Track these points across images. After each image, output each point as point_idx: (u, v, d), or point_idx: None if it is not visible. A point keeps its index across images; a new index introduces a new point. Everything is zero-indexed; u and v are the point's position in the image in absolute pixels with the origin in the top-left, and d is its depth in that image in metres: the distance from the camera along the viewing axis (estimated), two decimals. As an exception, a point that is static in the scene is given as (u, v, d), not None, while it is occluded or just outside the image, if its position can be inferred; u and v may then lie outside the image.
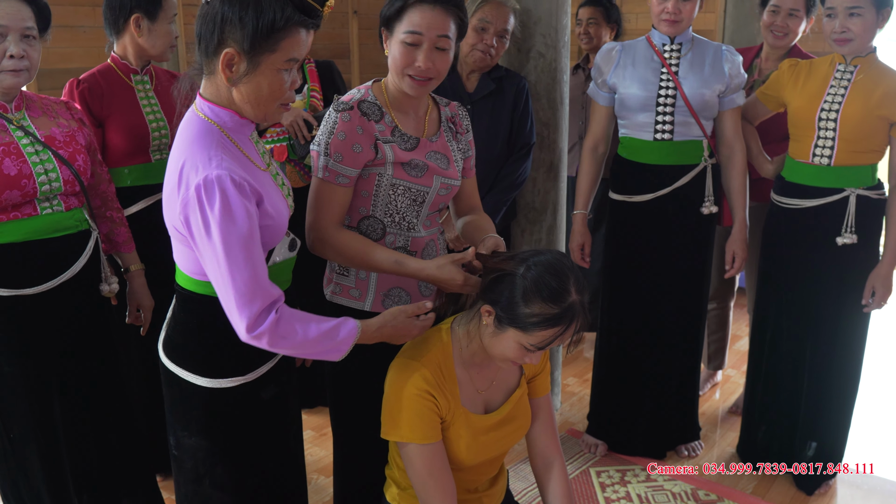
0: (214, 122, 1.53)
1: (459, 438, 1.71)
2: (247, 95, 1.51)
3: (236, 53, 1.46)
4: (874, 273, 2.54)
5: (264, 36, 1.44)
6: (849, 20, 2.39)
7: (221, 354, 1.61)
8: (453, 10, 1.79)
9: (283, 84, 1.52)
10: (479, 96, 2.71)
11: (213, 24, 1.46)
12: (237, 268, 1.43)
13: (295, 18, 1.46)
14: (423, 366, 1.67)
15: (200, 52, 1.52)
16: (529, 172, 2.83)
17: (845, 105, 2.45)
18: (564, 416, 3.33)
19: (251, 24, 1.43)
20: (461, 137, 2.01)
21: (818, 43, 3.26)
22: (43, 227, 1.97)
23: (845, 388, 2.68)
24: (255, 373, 1.64)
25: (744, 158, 2.72)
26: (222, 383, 1.61)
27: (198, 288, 1.58)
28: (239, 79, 1.49)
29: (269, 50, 1.46)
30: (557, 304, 1.56)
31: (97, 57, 4.28)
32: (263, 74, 1.48)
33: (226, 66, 1.47)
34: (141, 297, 2.32)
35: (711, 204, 2.69)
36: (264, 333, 1.46)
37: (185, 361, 1.62)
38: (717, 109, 2.68)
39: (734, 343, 4.05)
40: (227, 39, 1.46)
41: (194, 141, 1.49)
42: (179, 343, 1.64)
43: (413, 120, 1.91)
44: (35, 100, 2.07)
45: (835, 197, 2.51)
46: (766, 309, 2.79)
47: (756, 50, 3.12)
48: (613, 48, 2.73)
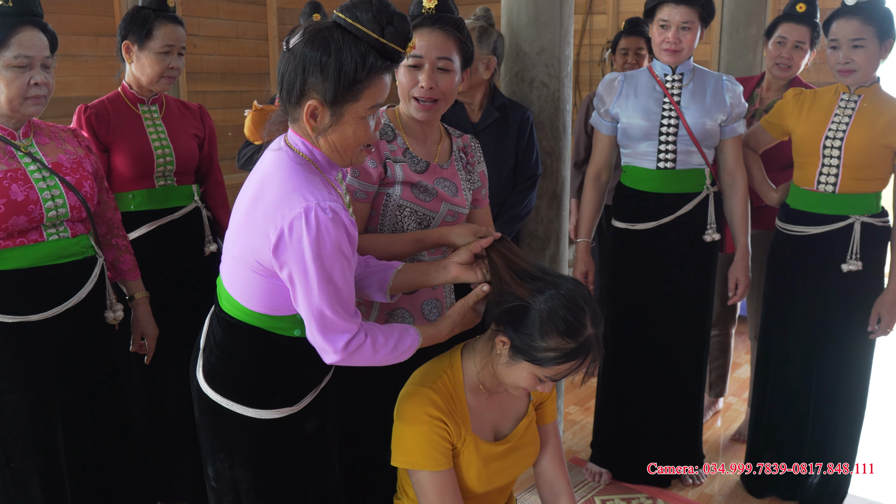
0: (308, 158, 1.52)
1: (470, 466, 1.70)
2: (333, 144, 1.50)
3: (319, 105, 1.45)
4: (880, 300, 2.55)
5: (347, 87, 1.43)
6: (852, 52, 2.42)
7: (271, 385, 1.60)
8: (453, 33, 1.83)
9: (369, 130, 1.51)
10: (484, 126, 2.73)
11: (295, 75, 1.44)
12: (329, 302, 1.45)
13: (378, 66, 1.44)
14: (434, 392, 1.67)
15: (283, 98, 1.50)
16: (535, 203, 2.85)
17: (849, 133, 2.48)
18: (567, 445, 3.31)
19: (334, 75, 1.41)
20: (472, 169, 2.03)
21: (819, 74, 3.31)
22: (49, 253, 1.96)
23: (852, 415, 2.68)
24: (301, 403, 1.64)
25: (745, 186, 2.74)
26: (270, 414, 1.60)
27: (252, 319, 1.57)
28: (324, 129, 1.48)
29: (352, 100, 1.45)
30: (574, 339, 1.55)
31: (98, 86, 4.34)
32: (348, 123, 1.48)
33: (309, 117, 1.46)
34: (145, 326, 2.31)
35: (714, 231, 2.71)
36: (354, 356, 1.51)
37: (232, 392, 1.60)
38: (718, 138, 2.70)
39: (735, 370, 4.05)
40: (309, 90, 1.44)
41: (293, 174, 1.47)
42: (226, 373, 1.61)
43: (424, 146, 1.93)
44: (43, 127, 2.08)
45: (840, 224, 2.53)
46: (771, 336, 2.78)
47: (757, 80, 3.16)
48: (616, 78, 2.76)
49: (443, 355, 1.76)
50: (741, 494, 2.91)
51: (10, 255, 1.91)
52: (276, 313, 1.56)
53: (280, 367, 1.59)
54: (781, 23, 2.98)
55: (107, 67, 4.45)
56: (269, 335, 1.58)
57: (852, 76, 2.46)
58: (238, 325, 1.58)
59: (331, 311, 1.46)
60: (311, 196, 1.42)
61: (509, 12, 2.92)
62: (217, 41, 5.05)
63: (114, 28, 4.43)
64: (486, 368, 1.70)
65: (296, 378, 1.63)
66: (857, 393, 2.66)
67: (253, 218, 1.48)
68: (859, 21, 2.41)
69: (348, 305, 1.49)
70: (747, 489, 2.91)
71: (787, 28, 2.96)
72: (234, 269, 1.56)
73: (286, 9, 5.42)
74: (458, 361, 1.74)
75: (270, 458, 1.63)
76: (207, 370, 1.63)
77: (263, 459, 1.63)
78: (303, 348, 1.60)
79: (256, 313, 1.56)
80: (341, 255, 1.44)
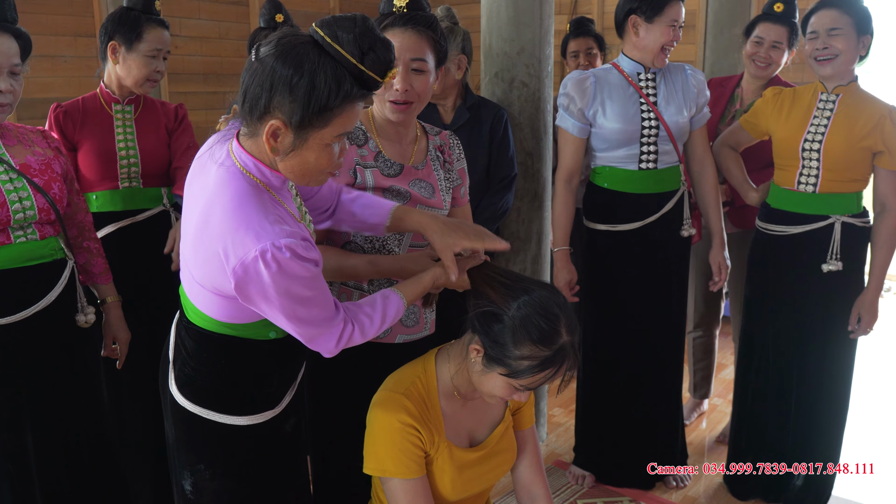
0: (259, 181, 1.41)
1: (444, 473, 1.67)
2: (291, 167, 1.40)
3: (282, 126, 1.33)
4: (860, 300, 2.54)
5: (316, 112, 1.32)
6: (830, 38, 2.42)
7: (251, 391, 1.56)
8: (426, 32, 1.78)
9: (333, 157, 1.40)
10: (455, 127, 2.69)
11: (261, 90, 1.33)
12: (308, 319, 1.41)
13: (352, 93, 1.34)
14: (407, 398, 1.64)
15: (244, 110, 1.38)
16: (512, 203, 2.81)
17: (828, 136, 2.47)
18: (551, 448, 3.28)
19: (303, 98, 1.30)
20: (450, 167, 1.99)
21: (799, 73, 3.31)
22: (16, 255, 1.92)
23: (834, 415, 2.66)
24: (281, 404, 1.60)
25: (714, 172, 2.78)
26: (252, 420, 1.56)
27: (224, 329, 1.51)
28: (284, 152, 1.37)
29: (320, 126, 1.34)
30: (548, 347, 1.52)
31: (77, 87, 4.29)
32: (311, 149, 1.36)
33: (270, 136, 1.35)
34: (117, 330, 2.28)
35: (690, 226, 2.73)
36: (348, 345, 1.50)
37: (210, 401, 1.54)
38: (688, 131, 2.70)
39: (720, 371, 4.04)
40: (273, 109, 1.33)
41: (241, 203, 1.36)
42: (202, 383, 1.54)
43: (399, 147, 1.89)
44: (10, 128, 2.04)
45: (820, 224, 2.52)
46: (751, 337, 2.77)
47: (737, 79, 3.15)
48: (586, 78, 2.65)
49: (416, 360, 1.74)
50: (725, 497, 2.89)
51: None
52: (247, 321, 1.51)
53: (258, 371, 1.55)
54: (759, 22, 2.98)
55: (86, 68, 4.40)
56: (243, 342, 1.53)
57: (831, 64, 2.44)
58: (209, 335, 1.53)
59: (311, 327, 1.42)
60: (263, 235, 1.32)
61: (489, 11, 2.90)
62: (199, 42, 5.00)
63: (93, 29, 4.39)
64: (460, 374, 1.67)
65: (276, 379, 1.58)
66: (839, 393, 2.65)
67: (203, 243, 1.39)
68: (837, 11, 2.42)
69: (327, 308, 1.44)
70: (731, 491, 2.89)
71: (764, 28, 2.96)
72: (197, 290, 1.49)
73: (269, 9, 5.38)
74: (431, 367, 1.71)
75: (252, 464, 1.59)
76: (182, 381, 1.57)
77: (246, 466, 1.58)
78: (280, 349, 1.56)
79: (226, 323, 1.51)
80: (308, 278, 1.37)
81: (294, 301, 1.36)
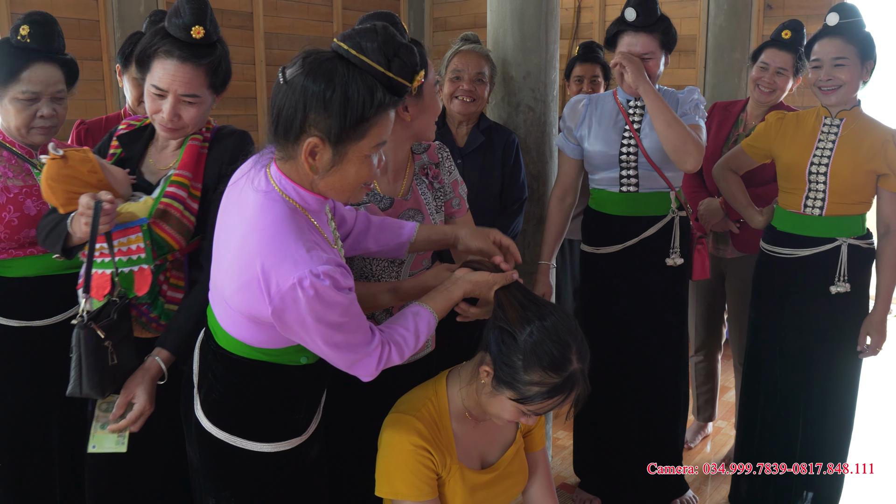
0: (299, 206, 1.42)
1: (455, 495, 1.67)
2: (332, 184, 1.41)
3: (320, 142, 1.34)
4: (867, 320, 2.55)
5: (353, 125, 1.33)
6: (835, 70, 2.44)
7: (281, 417, 1.55)
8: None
9: (372, 168, 1.41)
10: (470, 150, 2.72)
11: (294, 109, 1.33)
12: (346, 345, 1.41)
13: (386, 101, 1.35)
14: (418, 420, 1.64)
15: (277, 135, 1.38)
16: (521, 227, 2.83)
17: (834, 160, 2.49)
18: (556, 471, 3.27)
19: (339, 112, 1.31)
20: (439, 185, 1.98)
21: (803, 98, 3.33)
22: (56, 264, 2.04)
23: (840, 436, 2.66)
24: (308, 431, 1.60)
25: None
26: (280, 447, 1.55)
27: (255, 354, 1.51)
28: (324, 169, 1.37)
29: (357, 139, 1.35)
30: (558, 374, 1.52)
31: (84, 110, 4.30)
32: (351, 163, 1.37)
33: (308, 155, 1.35)
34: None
35: (678, 256, 2.66)
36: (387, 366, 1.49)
37: (240, 428, 1.53)
38: None
39: (723, 395, 4.03)
40: (310, 127, 1.33)
41: (279, 229, 1.36)
42: (231, 409, 1.54)
43: (390, 180, 1.89)
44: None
45: (827, 246, 2.53)
46: (758, 359, 2.76)
47: (742, 104, 3.18)
48: (581, 101, 2.73)
49: (427, 382, 1.74)
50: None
51: (19, 263, 2.07)
52: (280, 346, 1.50)
53: (289, 397, 1.54)
54: (766, 48, 3.02)
55: (93, 91, 4.43)
56: (275, 367, 1.52)
57: (835, 94, 2.47)
58: (240, 360, 1.52)
59: (350, 353, 1.42)
60: (302, 263, 1.32)
61: (495, 36, 2.93)
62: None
63: (100, 52, 4.42)
64: (471, 396, 1.67)
65: (304, 405, 1.58)
66: (845, 417, 2.65)
67: (241, 269, 1.38)
68: (841, 41, 2.44)
69: (363, 333, 1.43)
70: (737, 514, 2.88)
71: (770, 54, 2.99)
72: (230, 315, 1.48)
73: (273, 33, 5.42)
74: (443, 388, 1.71)
75: (279, 491, 1.57)
76: (209, 407, 1.55)
77: (272, 494, 1.57)
78: (310, 375, 1.56)
79: (259, 349, 1.50)
80: (345, 305, 1.37)
81: (332, 328, 1.37)
